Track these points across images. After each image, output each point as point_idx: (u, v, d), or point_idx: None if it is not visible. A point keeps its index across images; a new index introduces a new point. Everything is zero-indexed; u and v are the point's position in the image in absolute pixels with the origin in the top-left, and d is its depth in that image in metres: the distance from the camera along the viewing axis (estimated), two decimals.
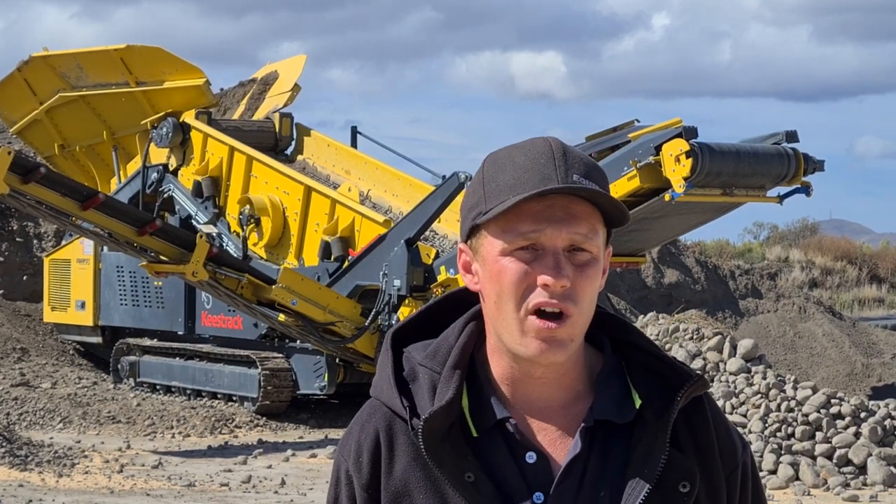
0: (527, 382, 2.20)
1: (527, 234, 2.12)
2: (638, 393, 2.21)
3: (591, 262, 2.14)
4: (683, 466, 2.18)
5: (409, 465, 2.18)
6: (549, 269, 2.11)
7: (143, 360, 19.24)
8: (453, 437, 2.16)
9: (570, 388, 2.21)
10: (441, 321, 2.30)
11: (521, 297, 2.13)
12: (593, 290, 2.15)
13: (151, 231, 15.10)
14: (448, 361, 2.20)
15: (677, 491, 2.17)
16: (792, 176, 15.20)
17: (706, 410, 2.25)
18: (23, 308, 22.03)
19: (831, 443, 13.19)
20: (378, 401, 2.25)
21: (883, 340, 25.97)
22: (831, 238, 41.05)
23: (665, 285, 27.01)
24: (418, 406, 2.18)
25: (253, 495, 12.43)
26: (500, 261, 2.14)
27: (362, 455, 2.22)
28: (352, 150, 19.11)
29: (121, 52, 18.98)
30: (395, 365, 2.24)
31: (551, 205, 2.13)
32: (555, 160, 2.14)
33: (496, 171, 2.16)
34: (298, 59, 20.40)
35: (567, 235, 2.12)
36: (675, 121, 15.37)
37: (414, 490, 2.17)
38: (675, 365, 2.24)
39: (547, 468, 2.17)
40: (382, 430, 2.21)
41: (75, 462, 13.66)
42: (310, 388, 17.38)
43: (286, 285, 15.54)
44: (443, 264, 15.59)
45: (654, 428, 2.18)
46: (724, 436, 2.26)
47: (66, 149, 20.52)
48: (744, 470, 2.27)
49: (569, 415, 2.21)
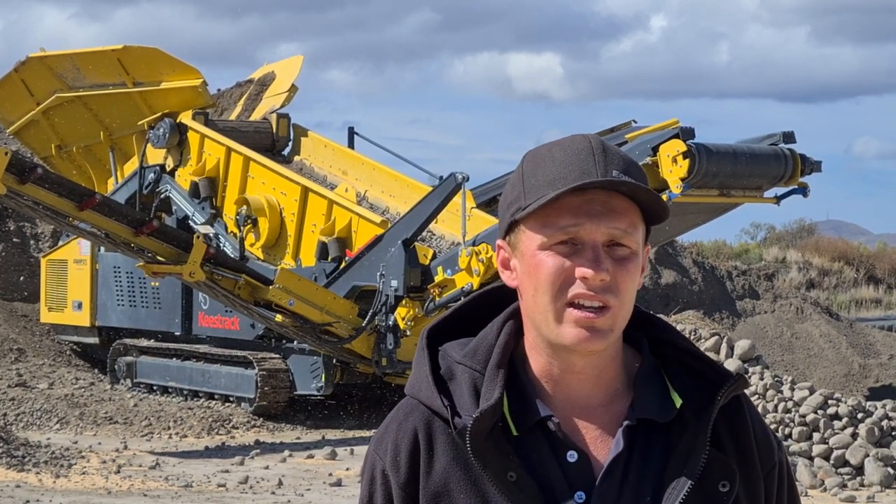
0: (566, 379, 2.19)
1: (566, 228, 2.12)
2: (677, 393, 2.21)
3: (630, 256, 2.14)
4: (724, 466, 2.18)
5: (450, 464, 2.17)
6: (588, 263, 2.11)
7: (140, 360, 19.23)
8: (496, 437, 2.15)
9: (609, 386, 2.21)
10: (475, 320, 2.29)
11: (558, 289, 2.12)
12: (633, 284, 2.15)
13: (148, 231, 15.10)
14: (491, 360, 2.19)
15: (717, 490, 2.17)
16: (789, 177, 15.22)
17: (745, 410, 2.25)
18: (20, 308, 22.02)
19: (828, 443, 13.20)
20: (415, 399, 2.23)
21: (880, 341, 25.98)
22: (828, 239, 41.08)
23: (662, 286, 27.01)
24: (458, 405, 2.17)
25: (250, 496, 12.42)
26: (539, 255, 2.14)
27: (400, 454, 2.20)
28: (349, 151, 19.10)
29: (118, 53, 18.97)
30: (431, 363, 2.23)
31: (590, 199, 2.12)
32: (594, 155, 2.13)
33: (535, 167, 2.16)
34: (295, 59, 20.40)
35: (606, 230, 2.12)
36: (672, 121, 15.38)
37: (454, 489, 2.16)
38: (714, 364, 2.24)
39: (588, 467, 2.17)
40: (421, 429, 2.20)
41: (72, 463, 13.65)
42: (307, 389, 17.37)
43: (283, 286, 15.53)
44: (440, 265, 15.58)
45: (695, 427, 2.18)
46: (762, 435, 2.26)
47: (63, 149, 20.50)
48: (780, 468, 2.28)
49: (609, 413, 2.20)
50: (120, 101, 19.28)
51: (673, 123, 15.23)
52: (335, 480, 13.18)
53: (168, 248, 15.32)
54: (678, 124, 15.02)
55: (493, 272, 14.87)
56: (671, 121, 15.43)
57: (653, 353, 2.26)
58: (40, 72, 19.79)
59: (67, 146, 20.46)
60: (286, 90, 19.58)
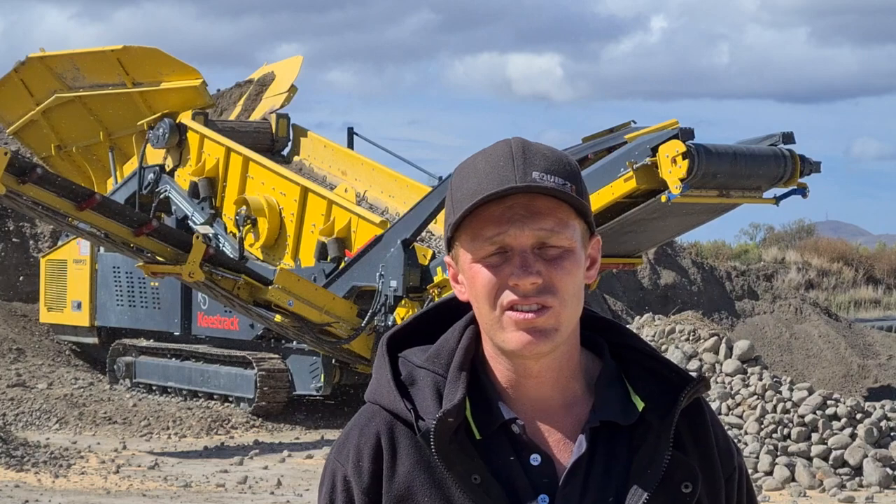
0: (525, 383, 2.19)
1: (491, 238, 2.13)
2: (639, 395, 2.21)
3: (564, 254, 2.14)
4: (686, 467, 2.19)
5: (413, 467, 2.17)
6: (516, 269, 2.12)
7: (139, 360, 19.23)
8: (460, 439, 2.15)
9: (567, 388, 2.21)
10: (435, 327, 2.30)
11: (494, 298, 2.13)
12: (573, 282, 2.14)
13: (148, 232, 15.10)
14: (453, 363, 2.20)
15: (680, 491, 2.18)
16: (788, 177, 15.21)
17: (705, 412, 2.27)
18: (19, 309, 22.02)
19: (827, 444, 13.20)
20: (377, 405, 2.23)
21: (879, 342, 25.97)
22: (828, 239, 41.04)
23: (661, 286, 27.01)
24: (420, 409, 2.17)
25: (249, 496, 12.43)
26: (473, 267, 2.16)
27: (362, 459, 2.20)
28: (348, 151, 19.11)
29: (117, 53, 18.97)
30: (392, 369, 2.23)
31: (511, 205, 2.13)
32: (514, 160, 2.14)
33: (461, 181, 2.19)
34: (295, 60, 20.40)
35: (531, 233, 2.12)
36: (672, 122, 15.37)
37: (418, 493, 2.16)
38: (676, 367, 2.25)
39: (551, 470, 2.17)
40: (384, 433, 2.20)
41: (71, 463, 13.66)
42: (306, 389, 17.37)
43: (282, 286, 15.53)
44: (439, 265, 15.58)
45: (657, 429, 2.19)
46: (723, 438, 2.28)
47: (63, 149, 20.51)
48: (740, 473, 2.29)
49: (571, 416, 2.20)
50: (119, 101, 19.28)
51: (672, 124, 15.23)
52: None
53: (167, 249, 15.32)
54: (677, 125, 15.01)
55: None
56: (670, 121, 15.43)
57: (613, 357, 2.26)
58: (40, 72, 19.79)
59: (67, 146, 20.46)
60: (286, 90, 19.58)
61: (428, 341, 2.27)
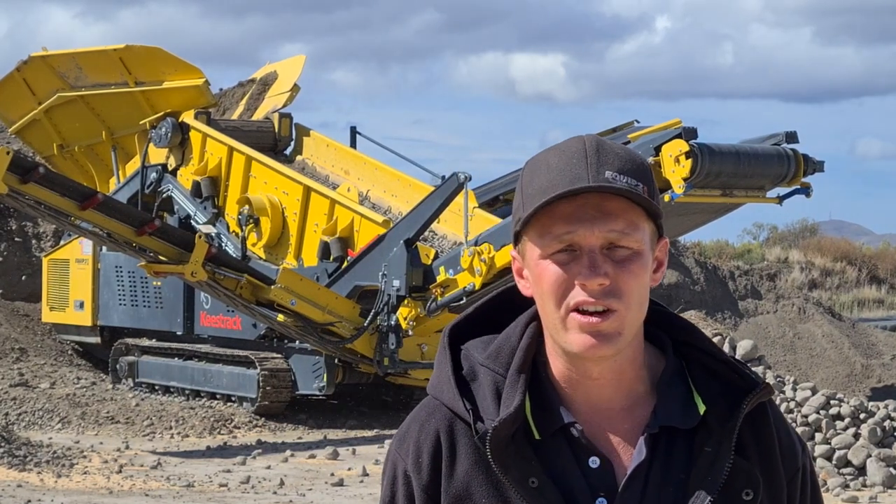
0: (585, 384, 2.17)
1: (561, 236, 2.10)
2: (701, 397, 2.18)
3: (632, 257, 2.11)
4: (748, 474, 2.15)
5: (472, 467, 2.15)
6: (584, 269, 2.09)
7: (141, 360, 19.23)
8: (517, 442, 2.13)
9: (630, 390, 2.19)
10: (497, 317, 2.27)
11: (561, 297, 2.11)
12: (640, 284, 2.12)
13: (150, 231, 15.10)
14: (512, 365, 2.17)
15: (741, 499, 2.14)
16: (791, 177, 15.20)
17: (769, 416, 2.22)
18: (21, 308, 22.03)
19: (830, 444, 13.18)
20: (437, 400, 2.21)
21: (882, 341, 25.95)
22: (831, 239, 41.04)
23: (664, 286, 26.99)
24: (480, 408, 2.16)
25: (252, 496, 12.42)
26: (541, 264, 2.13)
27: (422, 456, 2.19)
28: (351, 151, 19.10)
29: (120, 52, 18.97)
30: (454, 364, 2.21)
31: (583, 204, 2.10)
32: (587, 158, 2.11)
33: (532, 176, 2.15)
34: (298, 59, 20.39)
35: (601, 233, 2.10)
36: (675, 121, 15.36)
37: (476, 493, 2.14)
38: (741, 369, 2.21)
39: (610, 473, 2.15)
40: (443, 431, 2.18)
41: (74, 462, 13.65)
42: (308, 389, 17.36)
43: (285, 285, 15.52)
44: (442, 265, 15.57)
45: (719, 434, 2.15)
46: (786, 440, 2.24)
47: (65, 149, 20.51)
48: (804, 473, 2.25)
49: (631, 418, 2.18)
50: (122, 100, 19.28)
51: (676, 123, 15.22)
52: (337, 480, 13.17)
53: (170, 248, 15.31)
54: (681, 124, 15.00)
55: (495, 272, 14.87)
56: (674, 121, 15.42)
57: (677, 353, 2.23)
58: (42, 71, 19.79)
59: (69, 145, 20.46)
60: (288, 90, 19.57)
61: (492, 330, 2.25)
